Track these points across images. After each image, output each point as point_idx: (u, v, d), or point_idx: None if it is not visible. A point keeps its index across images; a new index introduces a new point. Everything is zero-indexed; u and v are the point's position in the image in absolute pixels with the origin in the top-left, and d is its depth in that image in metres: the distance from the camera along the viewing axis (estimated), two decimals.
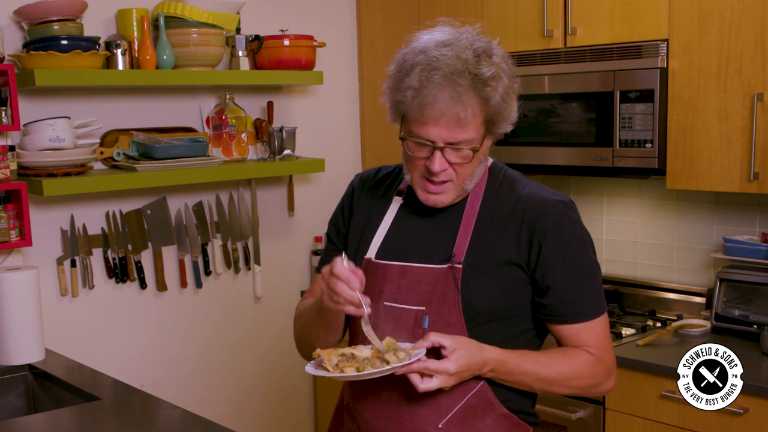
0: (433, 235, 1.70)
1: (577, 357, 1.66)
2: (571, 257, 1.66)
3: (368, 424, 1.71)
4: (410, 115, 1.60)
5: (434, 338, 1.54)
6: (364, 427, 1.72)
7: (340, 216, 1.87)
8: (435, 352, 1.55)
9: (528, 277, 1.66)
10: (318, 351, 1.59)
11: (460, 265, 1.64)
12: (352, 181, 1.89)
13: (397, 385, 1.64)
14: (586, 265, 1.68)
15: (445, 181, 1.64)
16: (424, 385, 1.52)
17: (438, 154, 1.59)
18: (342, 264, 1.55)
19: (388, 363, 1.53)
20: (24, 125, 2.73)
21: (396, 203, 1.77)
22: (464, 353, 1.54)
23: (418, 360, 1.52)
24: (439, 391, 1.62)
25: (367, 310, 1.55)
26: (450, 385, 1.55)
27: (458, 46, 1.57)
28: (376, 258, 1.72)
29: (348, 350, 1.58)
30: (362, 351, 1.58)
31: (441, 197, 1.66)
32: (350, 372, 1.54)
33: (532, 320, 1.71)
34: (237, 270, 3.37)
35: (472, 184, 1.68)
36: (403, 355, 1.54)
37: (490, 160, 1.77)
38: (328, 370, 1.55)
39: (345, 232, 1.84)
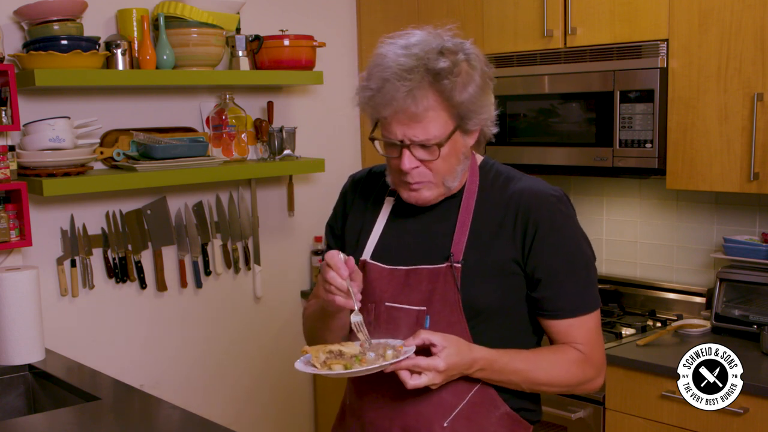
0: (429, 234, 1.70)
1: (566, 355, 1.66)
2: (564, 250, 1.65)
3: (373, 425, 1.71)
4: (377, 117, 1.61)
5: (425, 336, 1.55)
6: (369, 428, 1.72)
7: (334, 220, 1.87)
8: (426, 351, 1.56)
9: (522, 271, 1.66)
10: (306, 348, 1.60)
11: (459, 265, 1.64)
12: (345, 184, 1.89)
13: (401, 385, 1.64)
14: (579, 259, 1.67)
15: (420, 182, 1.63)
16: (413, 381, 1.53)
17: (406, 152, 1.59)
18: (336, 254, 1.58)
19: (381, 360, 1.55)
20: (24, 125, 2.73)
21: (389, 203, 1.77)
22: (453, 351, 1.55)
23: (408, 357, 1.52)
24: (442, 389, 1.62)
25: (357, 302, 1.57)
26: (438, 382, 1.56)
27: (422, 46, 1.57)
28: (371, 259, 1.72)
29: (336, 347, 1.58)
30: (350, 348, 1.58)
31: (422, 194, 1.65)
32: (338, 369, 1.54)
33: (529, 318, 1.71)
34: (237, 270, 3.37)
35: (456, 181, 1.66)
36: (391, 353, 1.54)
37: (480, 158, 1.76)
38: (316, 367, 1.55)
39: (341, 234, 1.83)
